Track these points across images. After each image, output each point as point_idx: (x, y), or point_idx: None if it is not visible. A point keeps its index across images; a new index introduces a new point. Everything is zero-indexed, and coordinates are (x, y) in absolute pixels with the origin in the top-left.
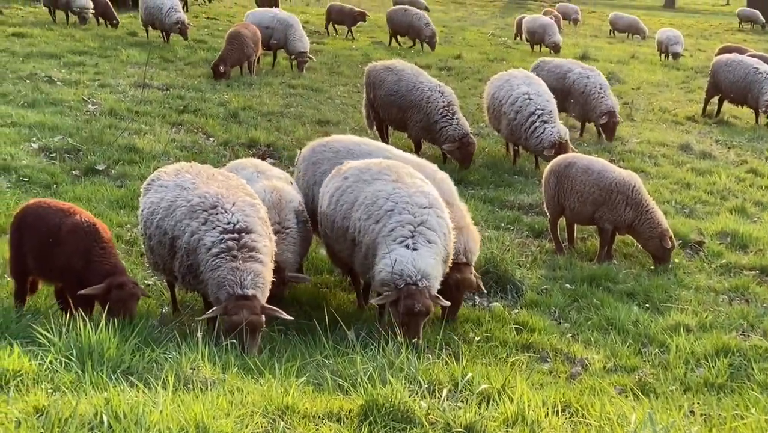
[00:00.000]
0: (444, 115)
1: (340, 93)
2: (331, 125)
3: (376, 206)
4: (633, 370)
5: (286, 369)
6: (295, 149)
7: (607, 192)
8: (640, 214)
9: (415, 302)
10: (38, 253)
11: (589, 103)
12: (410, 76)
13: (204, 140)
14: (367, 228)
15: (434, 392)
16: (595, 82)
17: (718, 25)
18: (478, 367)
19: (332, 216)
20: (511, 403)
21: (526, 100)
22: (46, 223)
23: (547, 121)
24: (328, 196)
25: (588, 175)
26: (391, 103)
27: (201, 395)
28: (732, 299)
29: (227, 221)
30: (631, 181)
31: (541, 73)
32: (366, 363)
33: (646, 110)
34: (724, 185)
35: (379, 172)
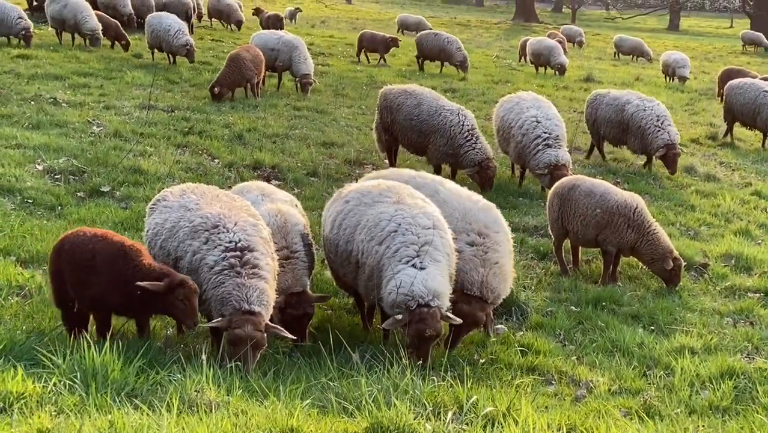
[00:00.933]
0: (468, 139)
1: (345, 115)
2: (336, 147)
3: (379, 228)
4: (638, 392)
5: (290, 391)
6: (299, 171)
7: (609, 214)
8: (642, 236)
9: (426, 327)
10: (76, 281)
11: (646, 138)
12: (430, 100)
13: (209, 162)
14: (371, 250)
15: (439, 414)
16: (651, 114)
17: (722, 47)
18: (483, 389)
19: (335, 240)
20: (516, 426)
21: (534, 122)
22: (81, 250)
23: (551, 146)
24: (331, 221)
25: (590, 198)
26: (411, 128)
27: (205, 417)
28: (737, 321)
29: (229, 240)
30: (632, 203)
31: (600, 105)
32: (371, 385)
33: None
34: (729, 207)
35: (380, 194)
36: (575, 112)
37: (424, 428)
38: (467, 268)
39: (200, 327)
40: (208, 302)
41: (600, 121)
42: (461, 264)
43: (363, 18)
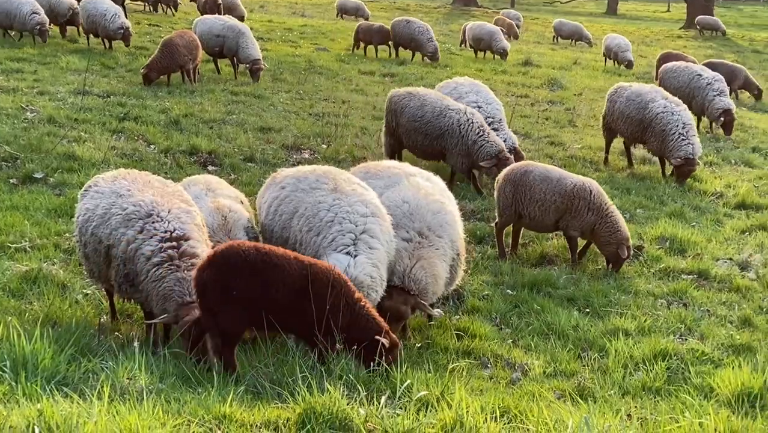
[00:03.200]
0: (480, 135)
1: (283, 100)
2: (273, 132)
3: (318, 218)
4: (572, 375)
5: (224, 378)
6: (236, 156)
7: (569, 199)
8: (602, 218)
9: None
10: None
11: (668, 143)
12: (434, 101)
13: (145, 148)
14: (309, 241)
15: (373, 399)
16: (678, 120)
17: (659, 31)
18: (418, 373)
19: (271, 226)
20: (449, 409)
21: (475, 108)
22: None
23: (497, 129)
24: (266, 207)
25: (547, 183)
26: (415, 130)
27: (137, 405)
28: (670, 303)
29: (164, 230)
30: (589, 186)
31: (618, 99)
32: (305, 371)
33: (588, 116)
34: (664, 190)
35: (317, 180)
36: (513, 96)
37: (357, 413)
38: (393, 260)
39: (148, 322)
40: (145, 293)
41: (617, 115)
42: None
43: (302, 2)
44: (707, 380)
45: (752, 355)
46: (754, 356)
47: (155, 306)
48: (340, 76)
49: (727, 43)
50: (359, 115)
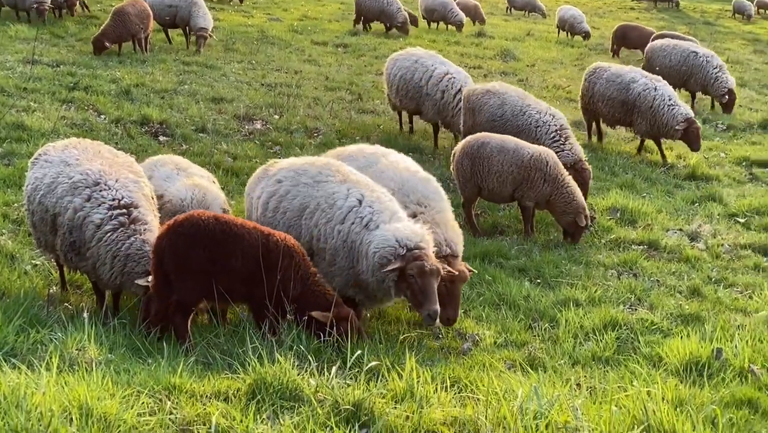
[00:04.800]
0: (556, 140)
1: (235, 70)
2: (225, 102)
3: (337, 207)
4: (523, 345)
5: (174, 349)
6: (188, 127)
7: (525, 170)
8: (557, 189)
9: (424, 261)
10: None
11: (659, 119)
12: (515, 99)
13: (95, 118)
14: (331, 231)
15: (323, 370)
16: (663, 94)
17: (612, 2)
18: (369, 344)
19: (271, 223)
20: (400, 379)
21: (451, 79)
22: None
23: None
24: (262, 202)
25: (504, 155)
26: (493, 130)
27: (86, 375)
28: (621, 273)
29: (112, 198)
30: (546, 156)
31: (598, 81)
32: (255, 342)
33: (540, 87)
34: (615, 161)
35: (320, 173)
36: (466, 67)
37: (307, 384)
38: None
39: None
40: (92, 260)
41: (598, 97)
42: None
43: None
44: (656, 349)
45: (700, 324)
46: (702, 326)
47: (107, 271)
48: (292, 46)
49: (680, 15)
50: (312, 85)
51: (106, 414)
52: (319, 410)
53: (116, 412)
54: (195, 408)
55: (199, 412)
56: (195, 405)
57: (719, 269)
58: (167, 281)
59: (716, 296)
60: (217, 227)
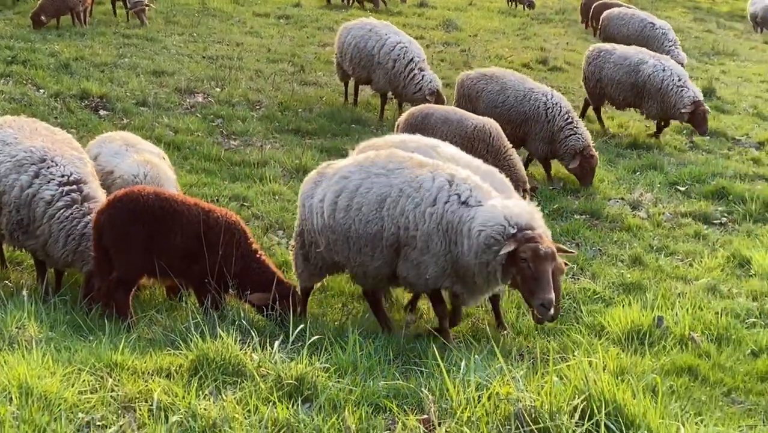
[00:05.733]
0: (569, 122)
1: (176, 43)
2: (166, 75)
3: (425, 189)
4: (467, 316)
5: (116, 326)
6: (128, 101)
7: (469, 140)
8: (499, 161)
9: (539, 243)
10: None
11: (667, 101)
12: (516, 83)
13: (34, 92)
14: (422, 215)
15: (266, 345)
16: (672, 74)
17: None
18: (312, 318)
19: (344, 224)
20: (343, 353)
21: (403, 48)
22: None
23: (423, 69)
24: (328, 204)
25: (448, 125)
26: (496, 117)
27: (26, 354)
28: (563, 243)
29: (61, 174)
30: (489, 127)
31: (606, 65)
32: (197, 317)
33: (483, 57)
34: None
35: (390, 162)
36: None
37: (250, 358)
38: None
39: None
40: (44, 237)
41: (606, 81)
42: None
43: None
44: (598, 318)
45: (642, 293)
46: (644, 294)
47: (59, 249)
48: (234, 18)
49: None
50: (253, 57)
51: (46, 392)
52: (261, 385)
53: (57, 390)
54: (137, 385)
55: (141, 389)
56: (137, 382)
57: (660, 237)
58: (107, 257)
59: (657, 265)
60: (156, 203)
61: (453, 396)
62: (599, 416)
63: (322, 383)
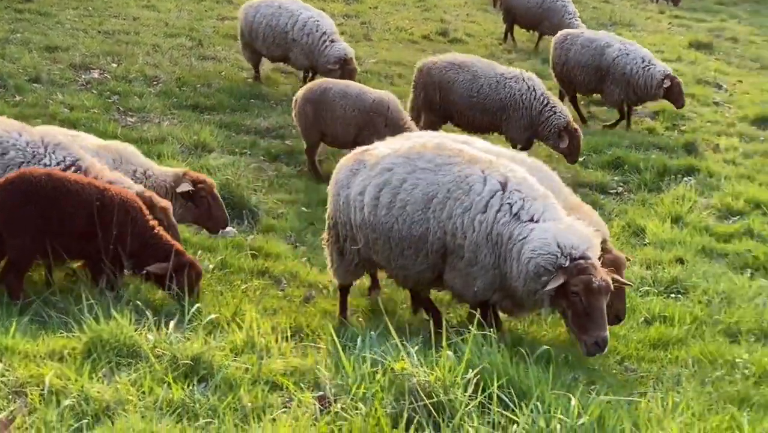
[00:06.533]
0: (545, 104)
1: (70, 17)
2: (60, 51)
3: (475, 193)
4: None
5: (8, 309)
6: (21, 77)
7: (367, 114)
8: (397, 134)
9: (592, 275)
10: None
11: (636, 84)
12: (487, 70)
13: None
14: (471, 223)
15: (161, 325)
16: (635, 57)
17: None
18: (209, 296)
19: (386, 223)
20: (240, 331)
21: (315, 22)
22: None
23: (335, 41)
24: (370, 199)
25: (347, 100)
26: (472, 106)
27: None
28: None
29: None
30: (387, 101)
31: (572, 47)
32: (90, 299)
33: (383, 29)
34: None
35: (438, 155)
36: None
37: (145, 339)
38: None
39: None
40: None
41: (572, 65)
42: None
43: None
44: None
45: None
46: None
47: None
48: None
49: None
50: (150, 32)
51: None
52: (156, 366)
53: None
54: (29, 369)
55: (33, 373)
56: (29, 366)
57: None
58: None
59: None
60: (49, 184)
61: (349, 373)
62: (492, 388)
63: (218, 362)
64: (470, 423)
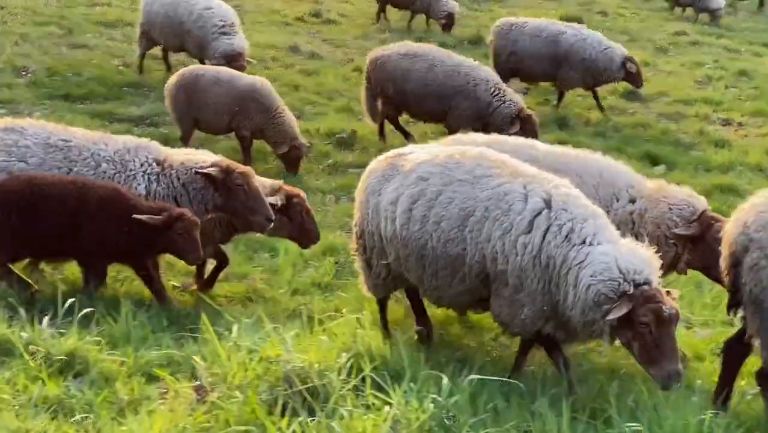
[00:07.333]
0: (495, 94)
1: None
2: None
3: (515, 213)
4: (244, 277)
5: None
6: None
7: (240, 100)
8: (270, 119)
9: (661, 303)
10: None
11: (596, 67)
12: (443, 59)
13: None
14: (513, 246)
15: (35, 321)
16: (593, 41)
17: None
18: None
19: (419, 239)
20: (116, 323)
21: (209, 12)
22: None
23: (227, 34)
24: (402, 210)
25: (219, 86)
26: (427, 95)
27: None
28: (339, 198)
29: None
30: (260, 86)
31: (521, 37)
32: None
33: (256, 12)
34: (332, 85)
35: (478, 165)
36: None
37: (19, 337)
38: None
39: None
40: None
41: (522, 54)
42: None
43: None
44: None
45: None
46: None
47: None
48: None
49: None
50: (18, 21)
51: None
52: (31, 363)
53: None
54: None
55: None
56: None
57: None
58: None
59: None
60: (26, 189)
61: (224, 361)
62: (366, 370)
63: (93, 356)
64: (345, 406)
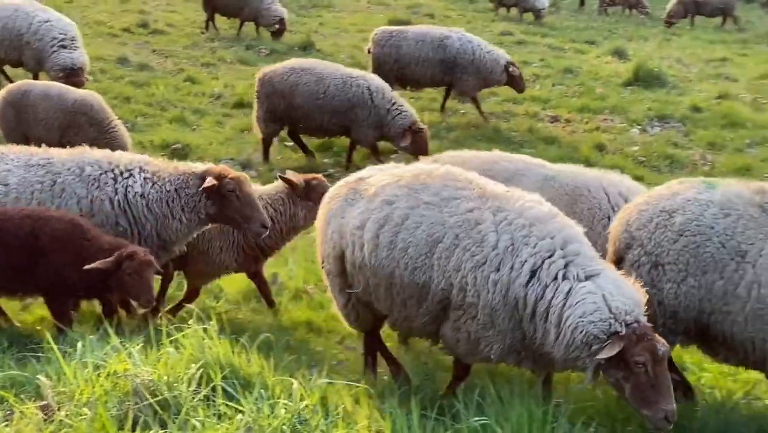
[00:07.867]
0: (393, 103)
1: None
2: None
3: (488, 245)
4: None
5: None
6: None
7: (70, 114)
8: (103, 134)
9: (655, 342)
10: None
11: (483, 69)
12: (332, 71)
13: None
14: (485, 282)
15: None
16: (479, 42)
17: None
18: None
19: (387, 267)
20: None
21: (48, 25)
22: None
23: (67, 47)
24: (369, 237)
25: (49, 101)
26: (318, 108)
27: None
28: None
29: None
30: (91, 100)
31: (404, 43)
32: None
33: (82, 24)
34: (163, 96)
35: (445, 186)
36: None
37: None
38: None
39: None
40: None
41: (407, 61)
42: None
43: None
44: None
45: None
46: None
47: None
48: None
49: None
50: None
51: None
52: None
53: None
54: None
55: None
56: None
57: None
58: None
59: None
60: None
61: (71, 379)
62: (216, 380)
63: None
64: (196, 417)
